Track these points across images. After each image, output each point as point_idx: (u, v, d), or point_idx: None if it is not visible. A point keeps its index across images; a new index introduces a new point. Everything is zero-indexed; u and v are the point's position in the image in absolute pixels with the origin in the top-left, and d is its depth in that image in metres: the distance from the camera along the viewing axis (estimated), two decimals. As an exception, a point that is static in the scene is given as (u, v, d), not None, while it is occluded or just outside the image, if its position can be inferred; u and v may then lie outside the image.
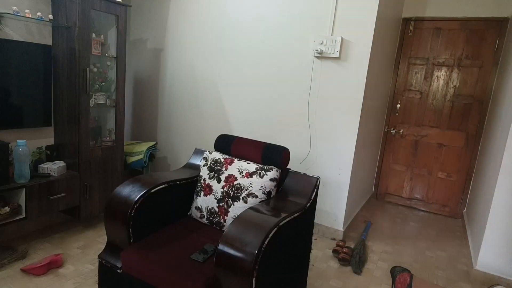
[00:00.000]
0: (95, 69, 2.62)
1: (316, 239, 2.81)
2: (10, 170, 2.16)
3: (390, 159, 3.87)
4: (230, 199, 1.79)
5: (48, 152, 2.46)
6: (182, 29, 3.29)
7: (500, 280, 2.33)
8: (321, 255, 2.56)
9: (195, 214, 1.92)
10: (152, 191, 1.71)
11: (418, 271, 2.46)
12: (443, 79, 3.51)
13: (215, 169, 1.89)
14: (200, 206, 1.89)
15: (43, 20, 2.30)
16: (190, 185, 1.97)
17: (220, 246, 1.32)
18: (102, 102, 2.62)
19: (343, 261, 2.44)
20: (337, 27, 2.58)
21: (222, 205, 1.81)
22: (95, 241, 2.46)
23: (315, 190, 1.80)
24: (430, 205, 3.74)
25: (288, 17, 2.76)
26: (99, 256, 1.68)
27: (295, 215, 1.57)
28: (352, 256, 2.49)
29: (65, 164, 2.45)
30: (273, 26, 2.83)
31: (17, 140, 2.15)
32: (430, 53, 3.53)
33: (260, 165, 1.83)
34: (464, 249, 2.88)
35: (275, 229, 1.38)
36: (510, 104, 2.38)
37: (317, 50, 2.61)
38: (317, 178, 1.83)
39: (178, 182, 1.87)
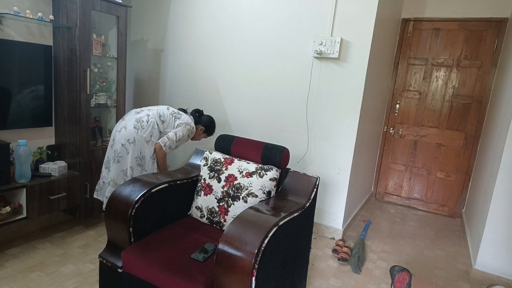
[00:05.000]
0: (96, 70, 2.63)
1: (315, 238, 2.83)
2: (11, 170, 2.18)
3: (389, 159, 3.88)
4: (230, 199, 1.80)
5: (49, 152, 2.47)
6: (182, 29, 3.30)
7: (499, 279, 2.34)
8: (320, 254, 2.57)
9: (196, 213, 1.93)
10: (153, 190, 1.72)
11: (417, 271, 2.47)
12: (442, 79, 3.52)
13: (215, 169, 1.90)
14: (200, 206, 1.90)
15: (44, 21, 2.31)
16: (191, 184, 1.98)
17: (220, 246, 1.33)
18: (102, 102, 2.63)
19: (343, 260, 2.46)
20: (336, 27, 2.59)
21: (222, 205, 1.82)
22: (96, 240, 2.47)
23: (315, 189, 1.81)
24: (429, 204, 3.75)
25: (288, 17, 2.77)
26: (99, 256, 1.69)
27: (295, 214, 1.58)
28: (351, 256, 2.50)
29: (66, 164, 2.46)
30: (272, 27, 2.84)
31: (18, 140, 2.16)
32: (429, 54, 3.54)
33: (260, 165, 1.84)
34: (463, 249, 2.90)
35: (275, 228, 1.39)
36: (509, 104, 2.39)
37: (316, 51, 2.62)
38: (317, 178, 1.84)
39: (178, 182, 1.89)
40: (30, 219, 2.20)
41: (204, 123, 2.48)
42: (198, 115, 2.49)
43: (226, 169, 1.87)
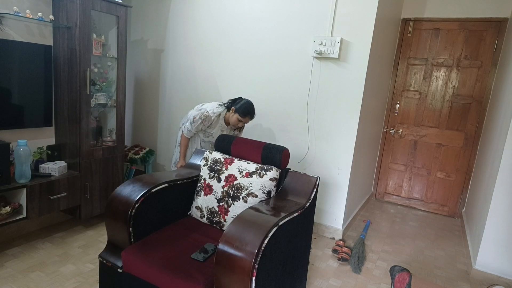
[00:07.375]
0: (96, 69, 2.63)
1: (315, 238, 2.83)
2: (11, 170, 2.17)
3: (389, 159, 3.88)
4: (230, 199, 1.80)
5: (49, 152, 2.47)
6: (182, 29, 3.30)
7: (499, 279, 2.34)
8: (320, 254, 2.57)
9: (196, 213, 1.93)
10: (153, 190, 1.72)
11: (417, 271, 2.47)
12: (442, 79, 3.52)
13: (215, 169, 1.90)
14: (200, 206, 1.90)
15: (44, 21, 2.31)
16: (191, 185, 1.98)
17: (220, 246, 1.33)
18: (102, 102, 2.63)
19: (343, 260, 2.46)
20: (336, 27, 2.59)
21: (222, 205, 1.82)
22: (96, 240, 2.47)
23: (315, 189, 1.81)
24: (429, 204, 3.75)
25: (288, 17, 2.77)
26: (99, 256, 1.69)
27: (295, 214, 1.58)
28: (351, 256, 2.50)
29: (66, 164, 2.46)
30: (272, 27, 2.84)
31: (18, 140, 2.16)
32: (429, 54, 3.54)
33: (260, 165, 1.84)
34: (463, 249, 2.89)
35: (275, 228, 1.39)
36: (509, 104, 2.39)
37: (316, 51, 2.62)
38: (317, 178, 1.84)
39: (178, 182, 1.89)
40: (30, 219, 2.20)
41: (237, 104, 2.50)
42: (231, 101, 2.55)
43: (226, 169, 1.87)
